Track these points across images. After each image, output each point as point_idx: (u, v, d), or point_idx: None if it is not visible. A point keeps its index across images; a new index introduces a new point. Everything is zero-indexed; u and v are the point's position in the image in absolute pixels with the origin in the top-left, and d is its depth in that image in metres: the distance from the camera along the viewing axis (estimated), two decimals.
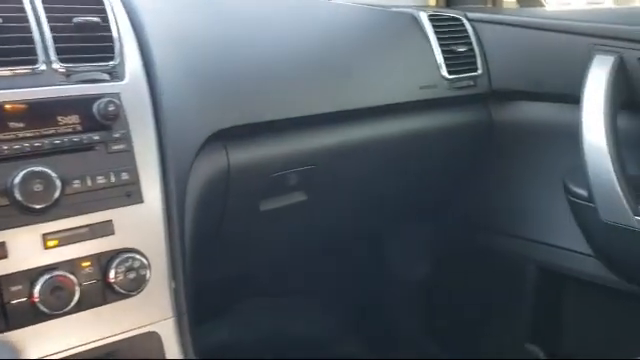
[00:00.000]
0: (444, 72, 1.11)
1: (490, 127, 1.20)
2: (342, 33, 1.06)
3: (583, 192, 1.02)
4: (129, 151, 0.68)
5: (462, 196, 1.28)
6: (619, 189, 0.96)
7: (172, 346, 0.68)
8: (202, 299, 1.14)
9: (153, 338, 0.68)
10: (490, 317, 1.29)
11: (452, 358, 1.37)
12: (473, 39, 1.16)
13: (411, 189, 1.21)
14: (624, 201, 0.96)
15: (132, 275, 0.65)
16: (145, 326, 0.68)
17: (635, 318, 1.09)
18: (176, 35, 0.83)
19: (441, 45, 1.11)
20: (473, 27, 1.16)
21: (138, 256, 0.66)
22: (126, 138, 0.68)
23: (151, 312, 0.68)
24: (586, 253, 1.10)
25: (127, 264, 0.65)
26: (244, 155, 0.86)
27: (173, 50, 0.80)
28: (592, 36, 1.02)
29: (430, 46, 1.12)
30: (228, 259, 1.00)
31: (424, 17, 1.13)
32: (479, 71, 1.15)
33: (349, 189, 1.10)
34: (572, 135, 1.03)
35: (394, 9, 1.18)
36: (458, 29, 1.16)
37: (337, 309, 1.53)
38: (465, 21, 1.17)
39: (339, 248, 1.39)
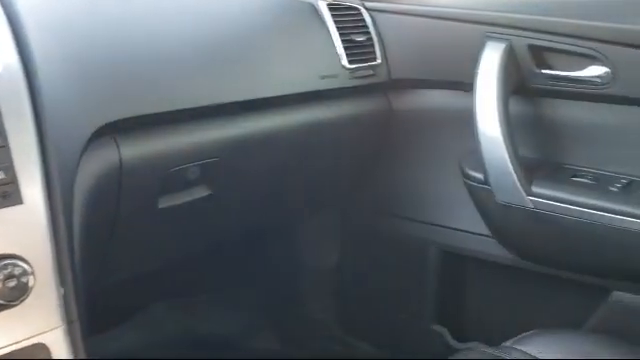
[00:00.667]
0: (344, 62, 1.10)
1: (390, 115, 1.21)
2: (240, 21, 1.02)
3: (479, 175, 1.05)
4: (4, 147, 0.61)
5: (366, 184, 1.29)
6: (512, 171, 0.99)
7: (62, 356, 0.63)
8: (104, 304, 1.07)
9: (40, 350, 0.62)
10: (397, 301, 1.31)
11: (364, 345, 1.38)
12: (371, 28, 1.16)
13: (317, 179, 1.20)
14: (517, 182, 0.99)
15: (12, 283, 0.59)
16: (31, 338, 0.62)
17: (532, 293, 1.14)
18: (58, 21, 0.76)
19: (341, 35, 1.11)
20: (371, 16, 1.17)
21: (19, 262, 0.60)
22: (0, 134, 0.61)
23: (37, 322, 0.62)
24: (484, 234, 1.14)
25: (6, 271, 0.59)
26: (138, 149, 0.80)
27: (54, 38, 0.73)
28: (484, 24, 1.05)
29: (330, 35, 1.10)
30: (127, 261, 0.94)
31: (323, 6, 1.11)
32: (378, 60, 1.16)
33: (255, 181, 1.07)
34: (468, 121, 1.06)
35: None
36: (356, 18, 1.15)
37: (247, 304, 1.50)
38: (363, 10, 1.17)
39: (247, 242, 1.36)
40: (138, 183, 0.83)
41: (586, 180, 0.98)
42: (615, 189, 0.95)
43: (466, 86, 1.08)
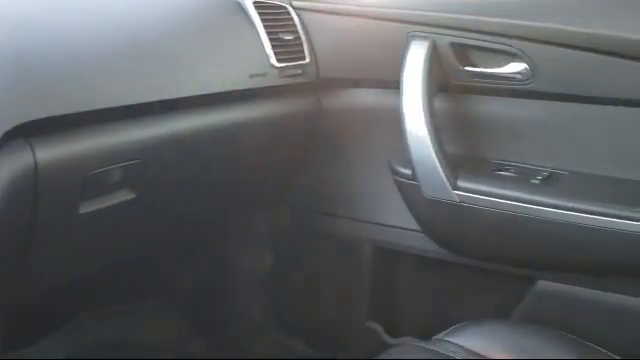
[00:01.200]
0: (273, 60, 1.09)
1: (320, 115, 1.21)
2: (164, 18, 0.99)
3: (407, 171, 1.06)
4: None
5: (298, 183, 1.28)
6: (438, 166, 1.01)
7: None
8: (26, 316, 1.01)
9: None
10: (332, 299, 1.31)
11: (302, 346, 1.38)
12: (299, 27, 1.15)
13: (247, 179, 1.18)
14: (443, 177, 1.01)
15: None
16: None
17: (462, 286, 1.16)
18: None
19: (268, 33, 1.09)
20: (298, 15, 1.16)
21: None
22: None
23: None
24: (415, 229, 1.15)
25: None
26: (54, 152, 0.75)
27: None
28: (408, 23, 1.06)
29: (257, 34, 1.09)
30: (48, 270, 0.89)
31: (249, 4, 1.09)
32: (307, 60, 1.15)
33: (182, 183, 1.04)
34: (397, 119, 1.07)
35: None
36: (284, 17, 1.14)
37: (180, 309, 1.46)
38: (290, 9, 1.16)
39: (177, 245, 1.32)
40: (56, 188, 0.78)
41: (509, 173, 1.01)
42: (536, 181, 0.98)
43: (394, 84, 1.09)
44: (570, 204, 0.93)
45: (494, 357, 0.85)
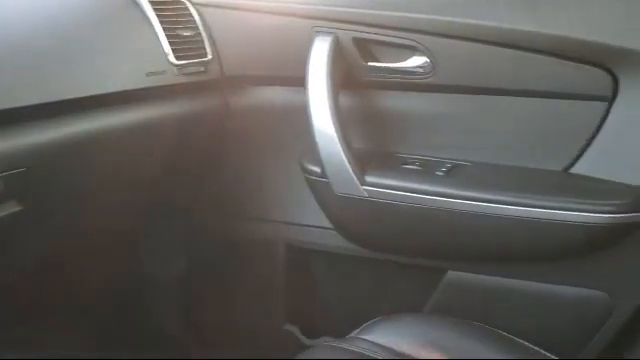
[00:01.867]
0: (172, 58, 1.04)
1: (228, 113, 1.17)
2: (55, 17, 0.92)
3: (317, 169, 1.04)
4: None
5: (208, 185, 1.24)
6: (346, 162, 0.99)
7: None
8: None
9: None
10: (248, 303, 1.27)
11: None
12: (199, 23, 1.11)
13: (152, 183, 1.12)
14: (352, 173, 1.00)
15: None
16: None
17: (376, 281, 1.16)
18: None
19: (165, 29, 1.04)
20: (198, 11, 1.11)
21: None
22: None
23: None
24: (328, 227, 1.14)
25: None
26: None
27: None
28: (312, 18, 1.04)
29: (154, 30, 1.03)
30: None
31: (143, 0, 1.04)
32: (209, 57, 1.11)
33: (80, 191, 0.97)
34: (305, 116, 1.05)
35: None
36: (182, 13, 1.09)
37: (89, 325, 1.38)
38: (189, 5, 1.11)
39: (81, 257, 1.24)
40: None
41: (415, 167, 1.01)
42: (441, 173, 0.98)
43: (301, 81, 1.07)
44: (473, 194, 0.94)
45: (407, 351, 0.85)
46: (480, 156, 1.01)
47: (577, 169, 0.95)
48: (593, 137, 0.92)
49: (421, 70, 1.00)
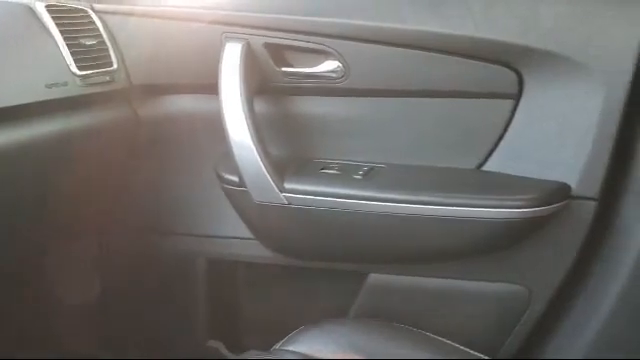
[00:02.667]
0: (74, 68, 0.98)
1: (137, 124, 1.11)
2: None
3: (235, 178, 1.01)
4: None
5: (121, 200, 1.17)
6: (264, 170, 0.97)
7: None
8: None
9: None
10: (171, 321, 1.22)
11: None
12: (102, 32, 1.05)
13: (60, 200, 1.05)
14: (270, 181, 0.97)
15: None
16: None
17: (300, 289, 1.14)
18: None
19: (66, 39, 0.98)
20: (101, 19, 1.06)
21: None
22: None
23: None
24: (248, 237, 1.11)
25: None
26: None
27: None
28: (221, 24, 1.01)
29: (54, 40, 0.97)
30: None
31: (41, 8, 0.97)
32: (114, 66, 1.05)
33: None
34: (218, 124, 1.02)
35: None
36: (84, 21, 1.03)
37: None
38: (91, 12, 1.05)
39: None
40: None
41: (333, 171, 1.00)
42: (359, 177, 0.97)
43: (213, 89, 1.04)
44: (391, 195, 0.94)
45: (331, 359, 0.83)
46: (396, 158, 1.01)
47: (489, 166, 0.96)
48: (502, 134, 0.94)
49: (334, 74, 0.99)
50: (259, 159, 0.97)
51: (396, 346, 0.86)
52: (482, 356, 0.88)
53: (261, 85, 1.02)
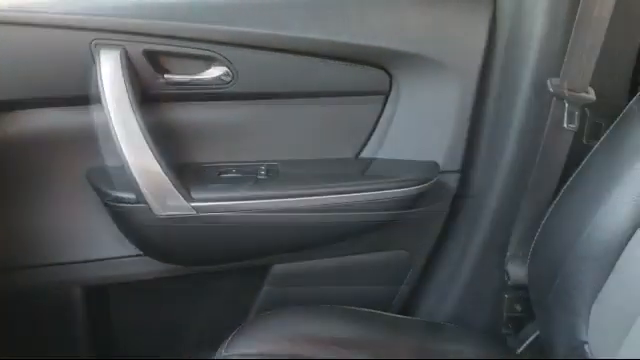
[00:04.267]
0: None
1: None
2: None
3: (131, 195, 0.94)
4: None
5: None
6: (170, 182, 0.93)
7: None
8: None
9: None
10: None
11: None
12: None
13: None
14: (176, 192, 0.93)
15: None
16: None
17: (196, 296, 1.11)
18: None
19: None
20: None
21: None
22: None
23: None
24: (127, 255, 1.04)
25: None
26: None
27: None
28: (93, 30, 0.91)
29: None
30: None
31: None
32: None
33: None
34: (89, 137, 0.94)
35: None
36: None
37: None
38: None
39: None
40: None
41: (231, 174, 1.01)
42: (261, 176, 1.00)
43: (80, 100, 0.93)
44: (291, 191, 0.99)
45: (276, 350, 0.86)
46: (284, 154, 1.06)
47: (365, 154, 1.09)
48: (375, 125, 1.07)
49: (222, 80, 0.98)
50: (161, 171, 0.92)
51: (329, 323, 0.93)
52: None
53: (144, 94, 0.96)
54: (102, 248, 1.04)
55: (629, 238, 0.75)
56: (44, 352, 1.05)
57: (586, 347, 0.78)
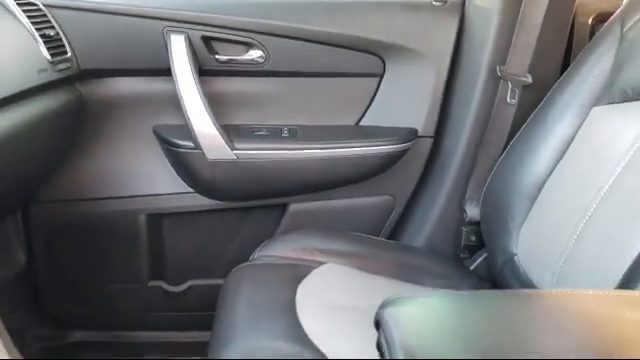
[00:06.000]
0: (47, 55, 1.07)
1: (82, 104, 1.22)
2: None
3: (189, 143, 1.23)
4: None
5: (65, 175, 1.26)
6: (218, 134, 1.22)
7: None
8: None
9: None
10: (117, 271, 1.35)
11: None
12: (54, 23, 1.14)
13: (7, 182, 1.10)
14: (223, 142, 1.23)
15: None
16: None
17: (229, 227, 1.40)
18: None
19: (37, 30, 1.06)
20: (50, 12, 1.14)
21: None
22: None
23: None
24: (183, 192, 1.33)
25: None
26: None
27: None
28: (166, 20, 1.20)
29: (27, 31, 1.04)
30: None
31: (13, 4, 1.04)
32: (69, 54, 1.15)
33: None
34: (158, 100, 1.24)
35: None
36: (41, 14, 1.11)
37: None
38: (41, 6, 1.13)
39: None
40: None
41: (262, 133, 1.30)
42: (285, 135, 1.30)
43: (150, 72, 1.23)
44: (308, 145, 1.29)
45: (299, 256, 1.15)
46: (301, 120, 1.35)
47: (363, 122, 1.38)
48: (372, 100, 1.36)
49: (257, 61, 1.27)
50: (213, 126, 1.21)
51: (341, 242, 1.21)
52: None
53: (199, 69, 1.24)
54: (161, 185, 1.33)
55: (546, 179, 1.05)
56: (116, 265, 1.34)
57: (516, 258, 1.08)
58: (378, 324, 0.55)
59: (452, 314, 0.60)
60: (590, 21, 1.33)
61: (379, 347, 0.55)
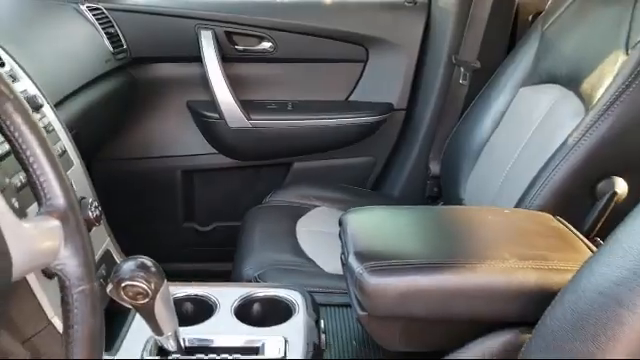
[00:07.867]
0: (110, 48, 1.37)
1: (134, 84, 1.52)
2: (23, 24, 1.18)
3: (215, 114, 1.54)
4: None
5: (122, 140, 1.59)
6: (238, 108, 1.52)
7: None
8: None
9: None
10: (159, 214, 1.67)
11: None
12: (114, 23, 1.44)
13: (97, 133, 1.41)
14: (242, 114, 1.53)
15: None
16: None
17: (247, 180, 1.71)
18: None
19: (103, 29, 1.36)
20: (110, 14, 1.44)
21: None
22: None
23: None
24: (211, 153, 1.64)
25: None
26: None
27: None
28: (196, 19, 1.50)
29: (95, 29, 1.35)
30: None
31: (85, 9, 1.34)
32: (124, 46, 1.46)
33: None
34: (191, 81, 1.54)
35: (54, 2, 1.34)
36: (103, 16, 1.41)
37: None
38: (105, 10, 1.43)
39: None
40: None
41: (273, 107, 1.60)
42: (290, 108, 1.60)
43: (185, 59, 1.53)
44: (307, 116, 1.59)
45: (304, 200, 1.46)
46: (303, 96, 1.65)
47: (351, 98, 1.68)
48: (357, 81, 1.66)
49: (268, 50, 1.57)
50: (234, 101, 1.52)
51: (333, 191, 1.51)
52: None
53: (223, 57, 1.54)
54: (192, 148, 1.65)
55: (486, 142, 1.35)
56: (158, 210, 1.66)
57: (463, 202, 1.38)
58: (340, 222, 0.87)
59: (394, 219, 0.91)
60: (530, 18, 1.60)
61: (340, 237, 0.86)
